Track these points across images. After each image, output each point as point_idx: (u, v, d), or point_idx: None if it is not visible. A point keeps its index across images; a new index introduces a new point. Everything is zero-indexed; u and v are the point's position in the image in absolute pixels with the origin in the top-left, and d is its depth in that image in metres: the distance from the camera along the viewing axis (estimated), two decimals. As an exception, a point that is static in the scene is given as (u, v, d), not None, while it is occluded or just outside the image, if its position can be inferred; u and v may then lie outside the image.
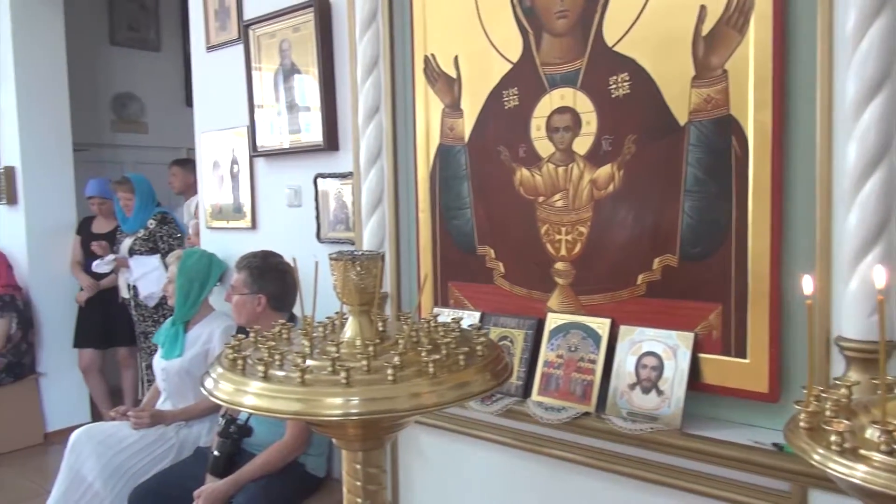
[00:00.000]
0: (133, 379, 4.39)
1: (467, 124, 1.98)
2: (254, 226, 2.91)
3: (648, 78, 1.62)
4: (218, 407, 2.71)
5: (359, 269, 1.28)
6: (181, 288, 2.80)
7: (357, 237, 2.33)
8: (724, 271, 1.54)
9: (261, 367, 1.16)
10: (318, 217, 2.59)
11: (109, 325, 4.36)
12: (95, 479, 2.51)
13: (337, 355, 1.17)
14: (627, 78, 1.65)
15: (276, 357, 1.19)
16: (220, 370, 1.23)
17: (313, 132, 2.56)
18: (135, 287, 4.01)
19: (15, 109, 4.32)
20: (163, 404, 2.85)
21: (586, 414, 1.67)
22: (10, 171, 4.41)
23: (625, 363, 1.65)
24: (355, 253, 1.29)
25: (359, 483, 1.32)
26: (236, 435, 2.36)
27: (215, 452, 2.36)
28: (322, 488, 2.51)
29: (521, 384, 1.81)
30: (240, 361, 1.21)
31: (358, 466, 1.32)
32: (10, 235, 4.54)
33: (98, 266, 4.05)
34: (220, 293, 3.08)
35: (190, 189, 4.46)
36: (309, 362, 1.16)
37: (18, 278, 4.39)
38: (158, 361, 2.85)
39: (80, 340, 4.44)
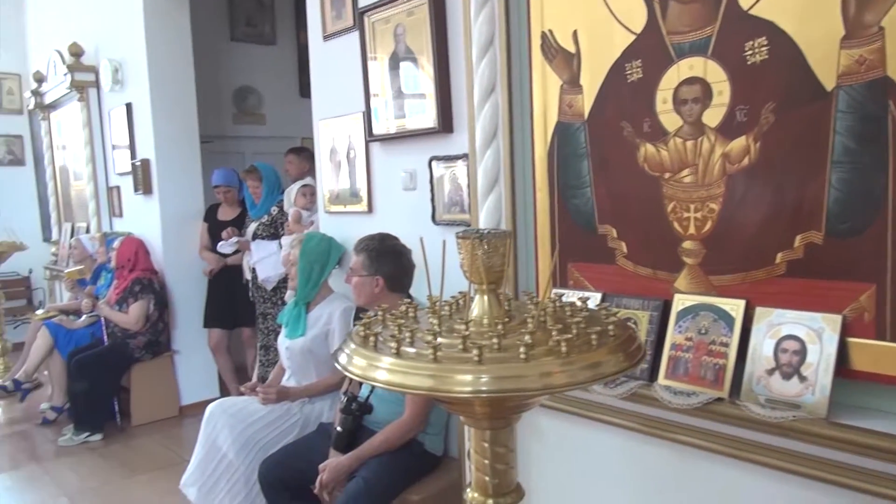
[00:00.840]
0: (254, 356, 4.62)
1: (587, 100, 1.92)
2: (370, 209, 2.97)
3: (789, 41, 1.50)
4: (339, 384, 2.80)
5: (486, 247, 1.27)
6: (303, 270, 2.90)
7: (473, 219, 2.32)
8: (877, 248, 1.41)
9: (393, 344, 1.18)
10: (432, 199, 2.60)
11: (235, 306, 4.60)
12: (229, 450, 2.65)
13: (467, 333, 1.17)
14: (765, 42, 1.54)
15: (407, 334, 1.20)
16: (352, 346, 1.26)
17: (427, 115, 2.57)
18: (254, 269, 4.21)
19: (149, 106, 4.62)
20: (287, 381, 2.97)
21: (719, 399, 1.59)
22: (145, 164, 4.73)
23: (761, 347, 1.55)
24: (483, 231, 1.27)
25: (487, 461, 1.31)
26: (357, 412, 2.43)
27: (338, 428, 2.44)
28: (440, 466, 2.54)
29: (647, 367, 1.74)
30: (371, 338, 1.23)
31: (486, 445, 1.31)
32: (146, 223, 4.89)
33: (222, 247, 4.31)
34: (338, 276, 3.17)
35: (304, 176, 4.62)
36: (440, 340, 1.16)
37: (154, 263, 4.72)
38: (283, 340, 2.98)
39: (209, 321, 4.73)
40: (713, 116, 1.65)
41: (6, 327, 5.88)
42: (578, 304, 1.35)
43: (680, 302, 1.72)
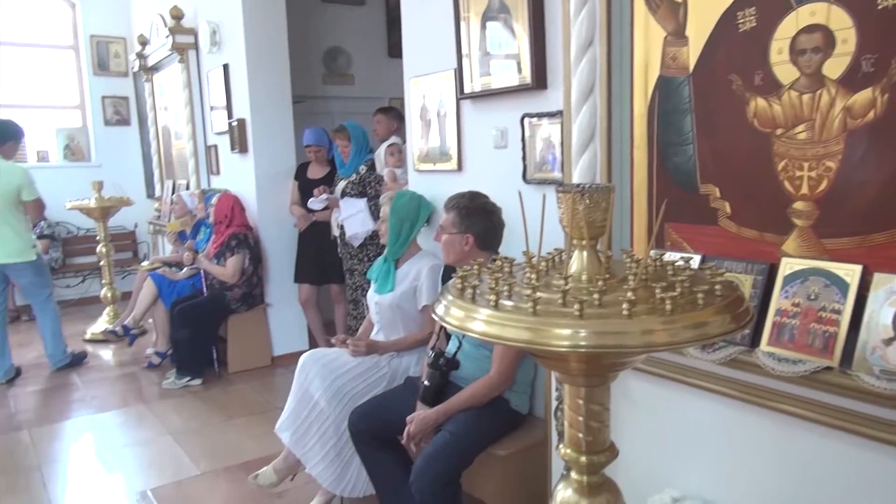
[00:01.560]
0: (343, 313, 4.75)
1: (692, 52, 1.82)
2: (459, 168, 2.96)
3: (930, -18, 1.36)
4: (426, 340, 2.84)
5: (588, 201, 1.23)
6: (393, 227, 2.94)
7: (566, 177, 2.28)
8: None
9: (491, 297, 1.17)
10: (524, 158, 2.56)
11: (324, 263, 4.73)
12: (321, 398, 2.75)
13: (567, 288, 1.15)
14: (900, -16, 1.41)
15: (505, 288, 1.19)
16: (449, 297, 1.26)
17: (521, 72, 2.52)
18: (342, 227, 4.29)
19: (245, 67, 4.75)
20: (375, 335, 3.04)
21: (828, 369, 1.51)
22: (241, 124, 4.89)
23: (878, 315, 1.45)
24: (584, 185, 1.24)
25: (581, 418, 1.30)
26: (445, 367, 2.45)
27: (425, 382, 2.48)
28: (524, 424, 2.55)
29: (749, 332, 1.67)
30: (469, 290, 1.23)
31: (580, 402, 1.30)
32: (242, 181, 5.06)
33: (312, 203, 4.42)
34: (426, 234, 3.19)
35: (391, 136, 4.65)
36: (539, 294, 1.15)
37: (249, 219, 4.89)
38: (372, 295, 3.04)
39: (299, 276, 4.88)
40: (835, 67, 1.53)
41: (115, 277, 6.27)
42: (681, 263, 1.30)
43: (788, 266, 1.63)
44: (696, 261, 1.80)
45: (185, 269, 5.04)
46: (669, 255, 1.69)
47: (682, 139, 1.88)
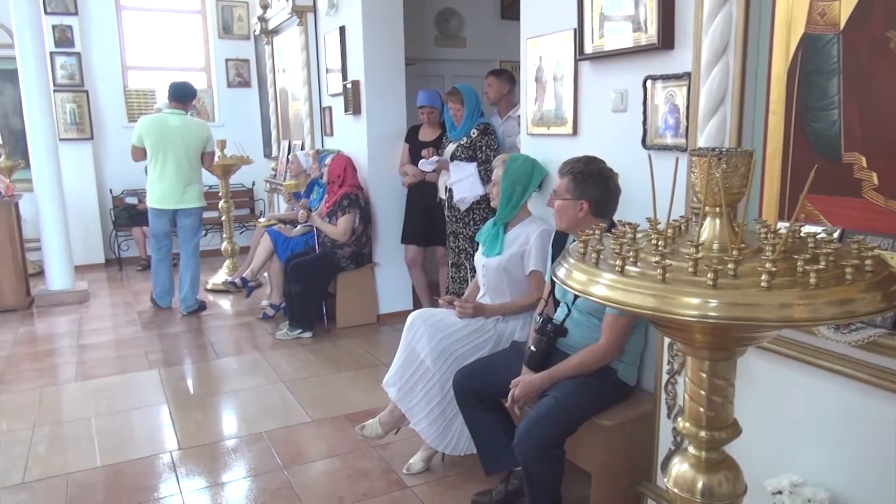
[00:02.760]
0: (447, 276, 4.80)
1: (844, 8, 1.67)
2: (574, 132, 2.89)
3: None
4: (533, 306, 2.83)
5: (725, 166, 1.17)
6: (505, 190, 2.92)
7: (691, 143, 2.18)
8: None
9: (616, 262, 1.14)
10: (644, 122, 2.47)
11: (431, 225, 4.78)
12: (427, 357, 2.81)
13: (699, 256, 1.10)
14: None
15: (631, 253, 1.16)
16: (571, 261, 1.24)
17: (646, 31, 2.41)
18: (450, 190, 4.31)
19: (360, 29, 4.82)
20: (482, 298, 3.06)
21: (985, 358, 1.37)
22: (356, 85, 4.98)
23: None
24: (722, 149, 1.18)
25: (703, 392, 1.26)
26: (552, 334, 2.44)
27: (531, 348, 2.48)
28: (631, 396, 2.51)
29: (892, 315, 1.55)
30: (593, 254, 1.20)
31: (704, 375, 1.26)
32: (354, 142, 5.19)
33: (423, 164, 4.45)
34: (537, 199, 3.15)
35: (503, 99, 4.59)
36: (668, 261, 1.11)
37: (360, 179, 5.02)
38: (479, 258, 3.05)
39: (406, 237, 4.97)
40: None
41: (234, 232, 6.63)
42: (823, 235, 1.22)
43: (944, 244, 1.49)
44: (835, 234, 1.68)
45: (298, 227, 5.25)
46: (809, 228, 1.58)
47: (825, 103, 1.74)
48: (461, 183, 4.22)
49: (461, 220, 4.31)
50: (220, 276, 6.27)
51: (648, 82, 2.44)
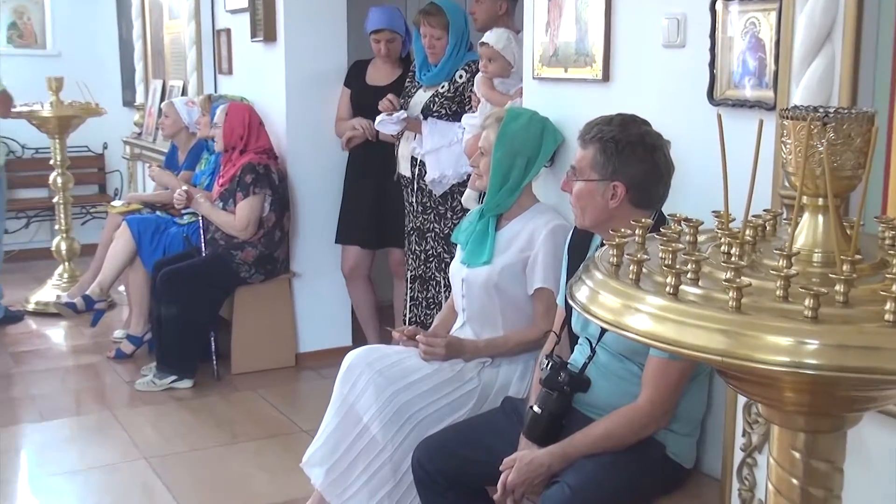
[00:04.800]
0: (406, 294, 4.79)
1: None
2: (605, 77, 2.92)
3: None
4: (539, 342, 2.85)
5: (832, 135, 1.20)
6: (499, 164, 2.93)
7: (781, 97, 2.22)
8: None
9: (668, 279, 1.16)
10: (712, 63, 2.50)
11: (382, 217, 4.80)
12: (373, 422, 2.80)
13: (791, 272, 1.12)
14: None
15: (691, 266, 1.18)
16: (598, 276, 1.25)
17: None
18: (422, 163, 4.29)
19: None
20: (459, 330, 3.07)
21: None
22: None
23: None
24: (828, 109, 1.20)
25: (796, 481, 1.29)
26: (567, 387, 2.45)
27: (535, 408, 2.49)
28: (687, 482, 2.53)
29: None
30: (632, 267, 1.21)
31: (797, 455, 1.28)
32: (265, 85, 5.18)
33: (382, 123, 4.37)
34: (548, 179, 3.17)
35: (499, 23, 4.60)
36: (745, 279, 1.12)
37: (273, 143, 5.01)
38: (458, 268, 3.06)
39: (345, 234, 4.97)
40: None
41: (74, 222, 6.52)
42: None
43: None
44: None
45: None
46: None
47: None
48: (439, 154, 4.21)
49: (434, 210, 4.30)
50: (50, 292, 6.18)
51: (719, 4, 2.47)
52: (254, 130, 4.90)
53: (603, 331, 2.42)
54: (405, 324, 4.42)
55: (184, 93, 6.14)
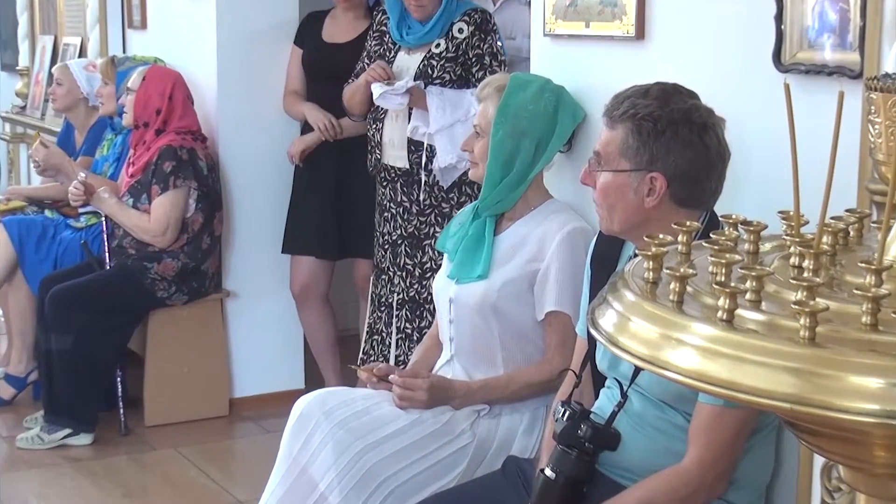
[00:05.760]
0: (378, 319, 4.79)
1: None
2: (639, 34, 2.92)
3: None
4: (552, 384, 2.86)
5: (936, 112, 1.21)
6: (499, 148, 2.95)
7: (869, 61, 2.23)
8: None
9: (720, 301, 1.16)
10: (779, 16, 2.51)
11: (347, 217, 4.81)
12: (332, 490, 2.78)
13: (881, 292, 1.13)
14: None
15: (750, 284, 1.19)
16: (628, 296, 1.26)
17: None
18: (430, 148, 4.27)
19: None
20: (448, 367, 3.08)
21: None
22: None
23: None
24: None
25: (889, 566, 1.29)
26: (590, 443, 2.45)
27: (547, 472, 2.49)
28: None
29: None
30: (673, 284, 1.22)
31: (892, 533, 1.29)
32: (190, 44, 5.20)
33: (386, 98, 4.25)
34: (565, 167, 3.19)
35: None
36: (820, 301, 1.13)
37: (201, 121, 5.03)
38: (444, 285, 3.08)
39: (296, 241, 4.98)
40: None
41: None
42: None
43: None
44: None
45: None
46: None
47: None
48: (453, 131, 4.16)
49: (436, 209, 4.28)
50: None
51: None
52: (177, 105, 4.90)
53: (637, 370, 2.42)
54: (374, 358, 4.43)
55: (82, 54, 6.12)
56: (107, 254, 4.90)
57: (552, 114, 3.00)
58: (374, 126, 4.51)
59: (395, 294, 4.40)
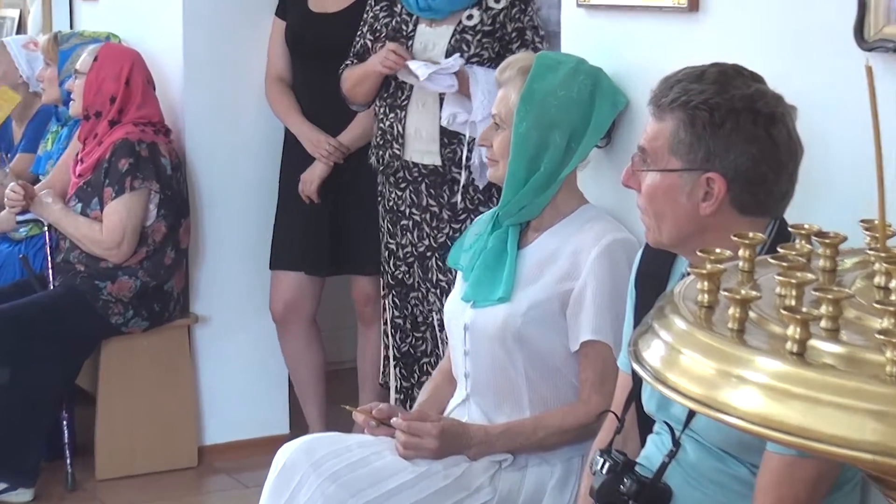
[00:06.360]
0: (379, 344, 4.81)
1: None
2: (693, 4, 2.93)
3: None
4: (588, 431, 2.86)
5: None
6: (523, 142, 2.96)
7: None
8: None
9: (792, 330, 1.17)
10: (863, -14, 2.52)
11: (345, 225, 4.84)
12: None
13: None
14: None
15: (826, 309, 1.19)
16: (679, 324, 1.26)
17: None
18: (470, 141, 4.18)
19: None
20: (461, 408, 3.09)
21: None
22: None
23: None
24: None
25: None
26: (634, 501, 2.45)
27: (585, 536, 2.50)
28: None
29: None
30: (734, 310, 1.22)
31: None
32: (151, 17, 5.25)
33: (435, 79, 4.04)
34: (601, 166, 3.19)
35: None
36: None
37: (165, 110, 5.04)
38: (457, 309, 3.10)
39: (283, 254, 5.00)
40: None
41: None
42: None
43: None
44: None
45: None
46: None
47: None
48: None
49: (472, 214, 4.22)
50: None
51: None
52: (135, 91, 4.91)
53: (691, 413, 2.42)
54: (393, 396, 4.43)
55: (20, 29, 6.15)
56: (50, 270, 4.91)
57: (587, 101, 3.01)
58: (393, 115, 4.46)
59: (434, 313, 4.37)
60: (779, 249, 1.35)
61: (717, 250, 1.35)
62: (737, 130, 2.41)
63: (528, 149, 2.97)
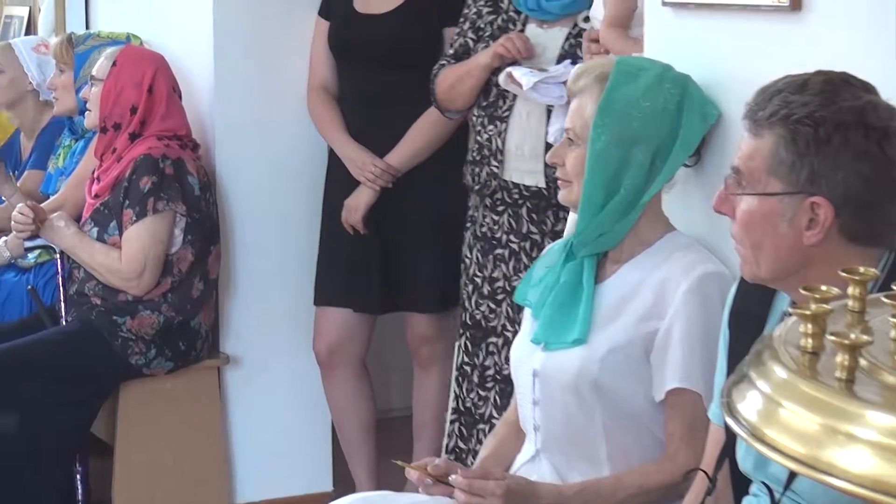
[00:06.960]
0: (438, 390, 4.87)
1: None
2: (795, 3, 2.92)
3: None
4: (677, 492, 2.86)
5: None
6: (600, 161, 2.96)
7: None
8: None
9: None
10: None
11: (398, 255, 4.87)
12: None
13: None
14: None
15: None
16: (778, 372, 1.26)
17: None
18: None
19: None
20: (530, 465, 3.09)
21: None
22: None
23: None
24: None
25: None
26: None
27: None
28: None
29: None
30: (842, 357, 1.23)
31: None
32: (177, 18, 5.31)
33: (539, 89, 4.04)
34: (690, 188, 3.20)
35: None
36: None
37: (193, 122, 5.09)
38: (525, 353, 3.10)
39: (329, 288, 5.04)
40: None
41: None
42: None
43: None
44: None
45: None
46: None
47: None
48: None
49: None
50: None
51: None
52: (159, 100, 4.94)
53: (792, 475, 2.41)
54: (447, 448, 4.43)
55: (29, 30, 6.21)
56: (62, 303, 4.96)
57: (674, 113, 2.99)
58: (492, 127, 4.45)
59: (461, 355, 4.37)
60: (894, 287, 1.35)
61: (823, 287, 1.35)
62: (845, 147, 2.39)
63: (606, 168, 2.96)
